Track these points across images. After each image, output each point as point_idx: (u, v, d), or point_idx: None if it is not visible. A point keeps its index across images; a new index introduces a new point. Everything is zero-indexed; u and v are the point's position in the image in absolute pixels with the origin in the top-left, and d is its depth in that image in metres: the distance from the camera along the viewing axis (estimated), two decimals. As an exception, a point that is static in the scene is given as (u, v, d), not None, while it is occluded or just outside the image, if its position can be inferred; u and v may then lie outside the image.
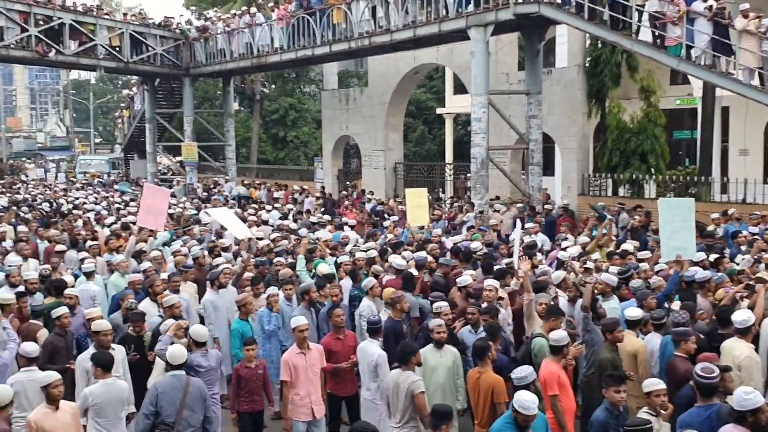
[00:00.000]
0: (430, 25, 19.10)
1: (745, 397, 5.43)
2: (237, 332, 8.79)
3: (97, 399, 6.72)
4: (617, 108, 21.33)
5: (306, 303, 9.24)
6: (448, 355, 7.50)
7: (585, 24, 16.50)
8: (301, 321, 7.74)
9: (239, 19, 26.84)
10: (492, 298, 8.81)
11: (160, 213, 13.02)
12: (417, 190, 15.70)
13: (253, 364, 7.73)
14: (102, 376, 6.87)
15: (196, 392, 6.83)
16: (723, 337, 7.53)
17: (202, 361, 7.56)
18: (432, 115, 37.93)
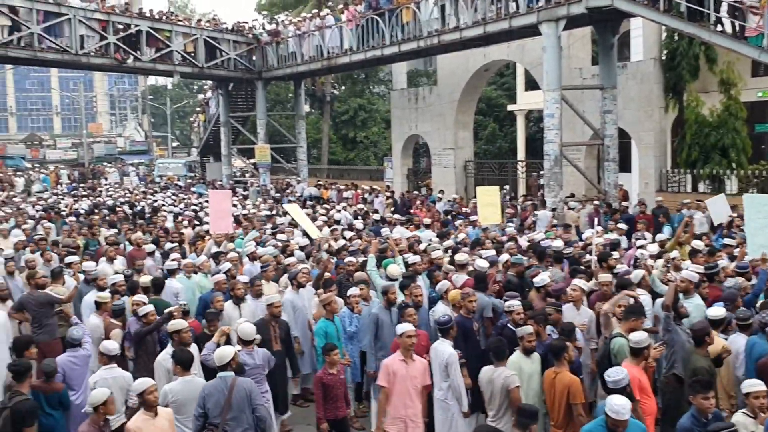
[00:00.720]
0: (501, 22, 18.92)
1: None
2: (321, 331, 8.72)
3: (177, 396, 6.89)
4: (696, 101, 20.72)
5: (385, 303, 8.95)
6: (537, 361, 7.41)
7: (661, 16, 16.04)
8: (408, 327, 7.41)
9: (309, 22, 27.18)
10: (577, 299, 8.66)
11: (226, 214, 13.28)
12: (488, 188, 15.55)
13: (335, 369, 7.56)
14: (181, 373, 7.04)
15: (242, 392, 6.77)
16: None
17: (248, 359, 7.59)
18: (503, 112, 37.51)
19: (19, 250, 13.94)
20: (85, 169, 51.85)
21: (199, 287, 10.94)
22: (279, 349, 8.63)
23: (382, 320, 8.70)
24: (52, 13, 24.29)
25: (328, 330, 8.73)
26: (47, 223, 18.13)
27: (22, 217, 19.40)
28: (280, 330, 8.78)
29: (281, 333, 8.77)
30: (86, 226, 17.22)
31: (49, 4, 24.28)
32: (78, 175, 47.93)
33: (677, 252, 11.50)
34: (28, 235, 15.73)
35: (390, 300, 8.88)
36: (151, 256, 13.11)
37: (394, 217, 17.29)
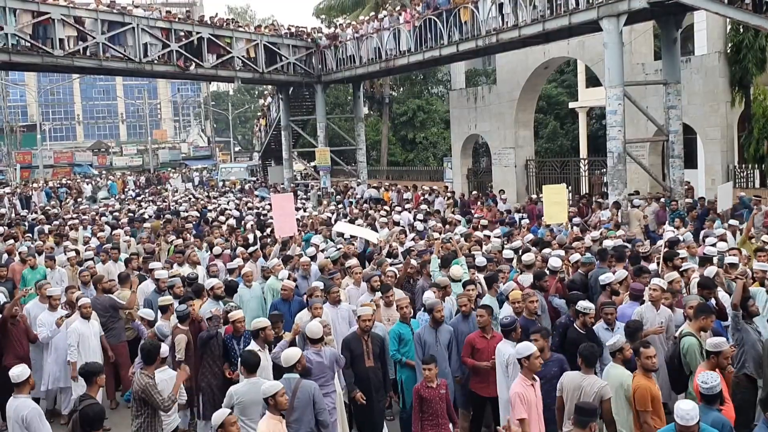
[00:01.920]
0: (560, 18, 18.75)
1: None
2: (395, 334, 8.55)
3: (242, 398, 7.00)
4: (763, 95, 20.19)
5: (432, 322, 8.35)
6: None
7: (725, 8, 15.66)
8: (531, 348, 6.73)
9: (367, 25, 27.40)
10: (657, 299, 8.41)
11: (290, 217, 13.45)
12: (555, 187, 15.38)
13: (434, 383, 7.21)
14: (247, 375, 7.17)
15: (306, 395, 6.81)
16: None
17: (315, 357, 7.60)
18: (564, 109, 37.08)
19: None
20: (150, 175, 53.30)
21: (271, 290, 11.04)
22: (372, 365, 8.14)
23: (426, 341, 8.19)
24: (116, 22, 24.99)
25: (403, 333, 8.53)
26: (126, 229, 18.44)
27: (98, 225, 19.78)
28: (373, 345, 8.20)
29: (374, 348, 8.20)
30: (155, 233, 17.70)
31: (113, 14, 25.05)
32: (144, 181, 49.31)
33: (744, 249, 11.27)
34: (103, 242, 16.10)
35: (436, 319, 8.29)
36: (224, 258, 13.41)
37: (455, 218, 17.32)
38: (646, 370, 6.63)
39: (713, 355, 6.53)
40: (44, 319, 9.96)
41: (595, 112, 34.11)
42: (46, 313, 10.06)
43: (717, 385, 5.76)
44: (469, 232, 14.65)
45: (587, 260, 10.68)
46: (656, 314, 8.40)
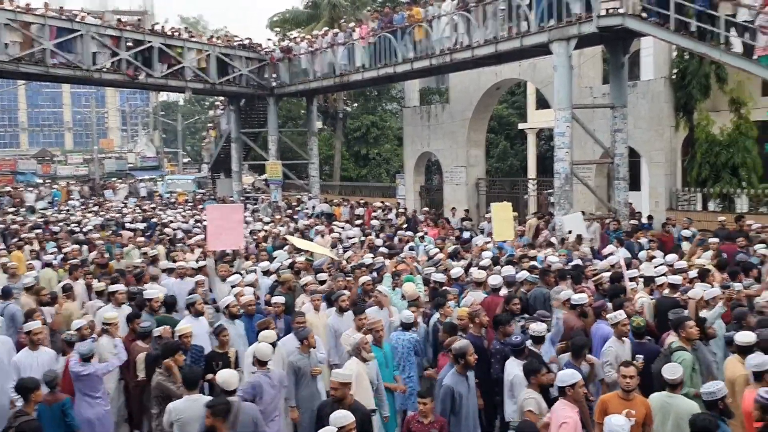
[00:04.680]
0: (512, 41, 19.07)
1: None
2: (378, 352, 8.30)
3: (181, 415, 6.82)
4: (706, 120, 20.77)
5: (461, 368, 7.44)
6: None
7: (671, 35, 16.15)
8: (577, 376, 6.48)
9: (322, 39, 27.43)
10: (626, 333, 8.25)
11: (236, 230, 12.83)
12: (502, 204, 15.67)
13: (428, 420, 6.78)
14: (186, 392, 7.00)
15: (247, 419, 6.66)
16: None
17: (264, 380, 7.41)
18: (514, 130, 37.63)
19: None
20: (95, 185, 52.20)
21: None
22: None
23: (459, 392, 7.25)
24: (64, 29, 24.50)
25: (378, 356, 8.24)
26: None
27: (66, 240, 18.78)
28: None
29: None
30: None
31: (61, 20, 24.54)
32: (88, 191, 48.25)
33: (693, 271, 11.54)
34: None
35: (468, 363, 7.34)
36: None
37: (407, 234, 17.37)
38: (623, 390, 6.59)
39: (765, 374, 6.45)
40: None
41: (544, 134, 34.68)
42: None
43: (718, 390, 5.98)
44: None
45: (531, 279, 10.81)
46: (624, 348, 8.24)
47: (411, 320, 8.94)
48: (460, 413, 7.21)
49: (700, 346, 7.61)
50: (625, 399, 6.47)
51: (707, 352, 7.66)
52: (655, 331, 8.86)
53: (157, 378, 7.32)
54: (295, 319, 8.94)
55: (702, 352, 7.56)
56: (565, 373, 6.52)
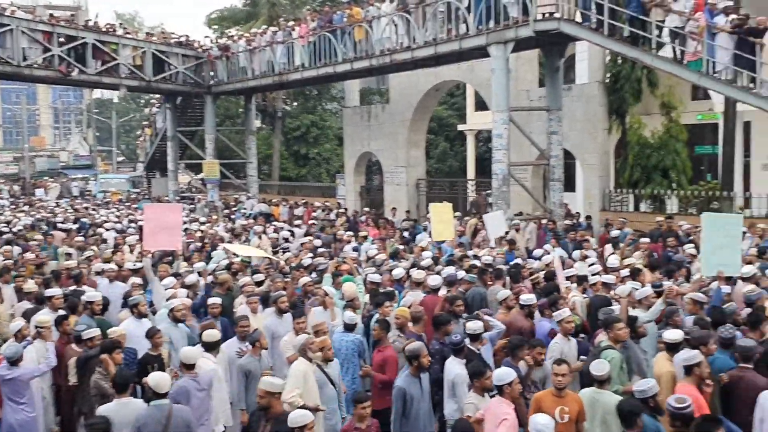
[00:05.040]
0: (451, 43, 19.23)
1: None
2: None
3: (112, 418, 6.57)
4: (638, 124, 21.36)
5: (414, 370, 7.42)
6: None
7: (605, 40, 16.55)
8: (513, 374, 6.55)
9: (261, 38, 27.16)
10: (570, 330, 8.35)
11: (174, 231, 12.48)
12: (442, 205, 15.77)
13: (365, 424, 6.64)
14: (118, 395, 6.84)
15: (179, 422, 6.48)
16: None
17: (192, 384, 7.24)
18: (454, 131, 38.02)
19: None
20: (26, 184, 50.59)
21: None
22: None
23: (411, 394, 7.22)
24: (-7, 23, 23.72)
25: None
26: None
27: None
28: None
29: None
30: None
31: (-11, 14, 23.74)
32: (18, 190, 46.70)
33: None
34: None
35: (422, 365, 7.31)
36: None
37: (347, 235, 17.32)
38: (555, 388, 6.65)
39: (694, 367, 6.60)
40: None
41: (483, 135, 35.12)
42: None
43: (650, 388, 6.12)
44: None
45: (470, 278, 10.92)
46: (570, 346, 8.33)
47: (354, 321, 8.91)
48: (410, 415, 7.16)
49: (631, 344, 7.77)
50: (558, 396, 6.57)
51: (638, 351, 7.83)
52: (589, 330, 9.05)
53: (95, 377, 7.12)
54: (239, 323, 8.75)
55: (633, 351, 7.73)
56: (502, 372, 6.59)
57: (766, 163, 24.26)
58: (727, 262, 9.84)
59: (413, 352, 7.26)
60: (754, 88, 14.79)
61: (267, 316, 9.72)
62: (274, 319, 9.47)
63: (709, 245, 10.01)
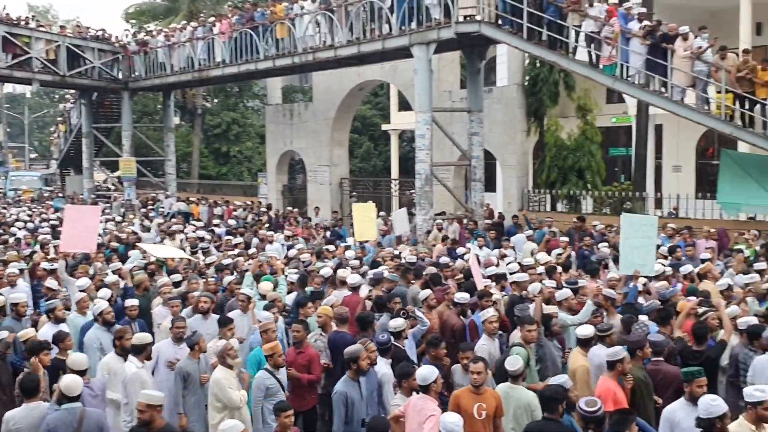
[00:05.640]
0: (374, 42, 19.27)
1: (712, 403, 5.54)
2: (255, 359, 7.96)
3: (19, 423, 6.47)
4: (555, 126, 21.88)
5: (353, 373, 7.21)
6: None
7: (524, 44, 16.89)
8: (435, 372, 6.62)
9: (180, 33, 26.60)
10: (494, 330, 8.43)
11: (90, 233, 12.28)
12: (364, 205, 15.80)
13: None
14: (26, 399, 6.64)
15: (92, 425, 6.34)
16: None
17: (86, 391, 7.00)
18: (377, 131, 38.14)
19: None
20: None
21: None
22: None
23: (352, 398, 7.01)
24: None
25: (262, 360, 7.74)
26: None
27: None
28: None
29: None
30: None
31: None
32: None
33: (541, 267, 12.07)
34: None
35: (361, 368, 7.10)
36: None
37: (269, 234, 17.12)
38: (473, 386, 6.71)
39: (617, 363, 6.77)
40: None
41: (406, 135, 35.37)
42: None
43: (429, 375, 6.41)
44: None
45: (392, 278, 10.96)
46: (495, 345, 8.41)
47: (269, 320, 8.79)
48: (352, 420, 6.98)
49: (546, 342, 7.95)
50: (476, 393, 6.66)
51: (553, 348, 8.01)
52: (509, 327, 9.20)
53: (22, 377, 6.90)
54: (175, 325, 8.46)
55: (547, 348, 7.91)
56: (426, 371, 6.62)
57: (677, 165, 25.32)
58: (643, 262, 10.18)
59: (352, 354, 7.08)
60: (665, 92, 15.38)
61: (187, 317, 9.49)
62: (197, 320, 9.27)
63: (627, 245, 10.33)
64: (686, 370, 6.39)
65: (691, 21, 17.03)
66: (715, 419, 5.47)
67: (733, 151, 17.94)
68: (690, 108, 15.24)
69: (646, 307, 9.18)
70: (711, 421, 5.48)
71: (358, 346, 7.26)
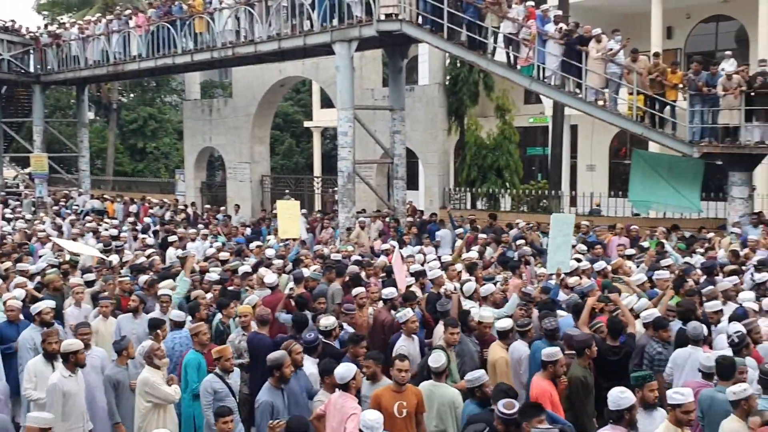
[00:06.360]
0: (295, 38, 19.12)
1: (621, 395, 5.68)
2: (194, 362, 7.58)
3: None
4: (475, 125, 22.21)
5: (275, 381, 6.88)
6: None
7: (444, 43, 17.08)
8: (354, 369, 6.59)
9: (95, 26, 25.77)
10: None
11: None
12: (289, 202, 15.65)
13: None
14: None
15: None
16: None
17: None
18: (300, 128, 37.91)
19: None
20: None
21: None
22: None
23: (277, 407, 6.74)
24: None
25: (201, 363, 7.56)
26: None
27: None
28: None
29: None
30: None
31: None
32: None
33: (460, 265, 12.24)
34: None
35: (284, 376, 6.82)
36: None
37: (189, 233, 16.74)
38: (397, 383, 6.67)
39: (550, 364, 6.79)
40: None
41: (329, 132, 35.29)
42: None
43: (479, 378, 6.44)
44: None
45: (315, 276, 10.91)
46: (414, 345, 8.36)
47: (182, 318, 8.63)
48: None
49: (464, 338, 8.06)
50: (396, 392, 6.67)
51: (470, 343, 8.13)
52: (432, 324, 9.25)
53: None
54: (79, 331, 8.04)
55: (465, 345, 8.02)
56: (343, 368, 6.59)
57: (591, 164, 26.12)
58: (563, 259, 10.46)
59: (275, 362, 6.79)
60: (580, 93, 15.84)
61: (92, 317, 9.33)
62: (127, 320, 9.06)
63: (553, 244, 10.58)
64: (636, 375, 6.27)
65: (605, 24, 17.65)
66: (623, 411, 5.63)
67: (644, 151, 18.61)
68: (603, 109, 15.75)
69: (566, 302, 9.42)
70: (620, 413, 5.64)
71: (281, 353, 6.93)
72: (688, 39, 24.66)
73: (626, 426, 5.67)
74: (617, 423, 5.67)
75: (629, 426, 5.68)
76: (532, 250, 13.10)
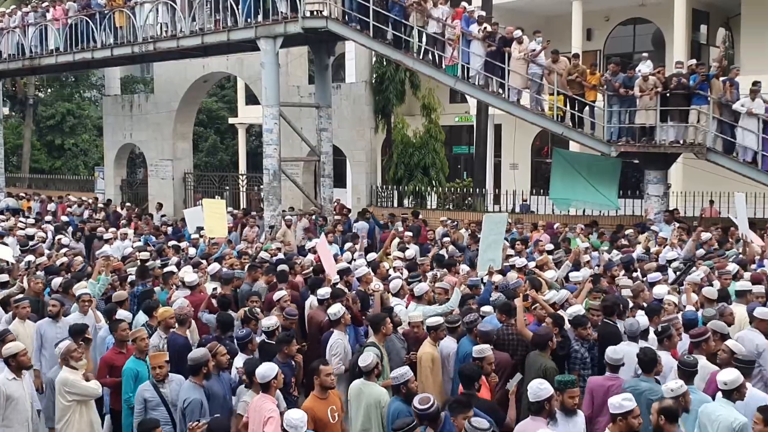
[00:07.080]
0: (219, 34, 18.83)
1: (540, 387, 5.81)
2: (131, 372, 7.26)
3: None
4: (402, 123, 22.35)
5: (214, 368, 6.96)
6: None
7: (370, 41, 17.13)
8: (275, 369, 6.56)
9: (10, 18, 24.74)
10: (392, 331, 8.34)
11: None
12: (215, 201, 15.43)
13: None
14: None
15: None
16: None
17: None
18: (224, 124, 37.33)
19: None
20: None
21: None
22: None
23: (215, 393, 6.80)
24: None
25: (140, 371, 7.27)
26: None
27: None
28: None
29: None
30: None
31: None
32: None
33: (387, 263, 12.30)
34: None
35: (220, 363, 6.95)
36: None
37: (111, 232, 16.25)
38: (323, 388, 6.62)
39: (477, 360, 6.84)
40: None
41: (254, 129, 34.87)
42: None
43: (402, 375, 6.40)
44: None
45: (240, 275, 10.80)
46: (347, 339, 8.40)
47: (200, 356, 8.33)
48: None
49: (391, 336, 8.10)
50: (324, 398, 6.61)
51: (396, 340, 8.18)
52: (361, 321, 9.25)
53: None
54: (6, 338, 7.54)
55: (391, 342, 8.07)
56: (264, 368, 6.52)
57: (514, 163, 26.60)
58: (494, 257, 10.61)
59: (198, 360, 6.71)
60: (502, 93, 16.13)
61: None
62: (47, 324, 8.75)
63: (484, 242, 10.71)
64: (560, 379, 6.23)
65: (527, 25, 17.99)
66: (543, 401, 5.77)
67: (565, 150, 19.09)
68: (525, 109, 16.09)
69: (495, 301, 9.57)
70: (540, 404, 5.78)
71: (202, 351, 6.85)
72: (606, 41, 25.42)
73: (546, 417, 5.79)
74: (537, 414, 5.80)
75: (549, 417, 5.81)
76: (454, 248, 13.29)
